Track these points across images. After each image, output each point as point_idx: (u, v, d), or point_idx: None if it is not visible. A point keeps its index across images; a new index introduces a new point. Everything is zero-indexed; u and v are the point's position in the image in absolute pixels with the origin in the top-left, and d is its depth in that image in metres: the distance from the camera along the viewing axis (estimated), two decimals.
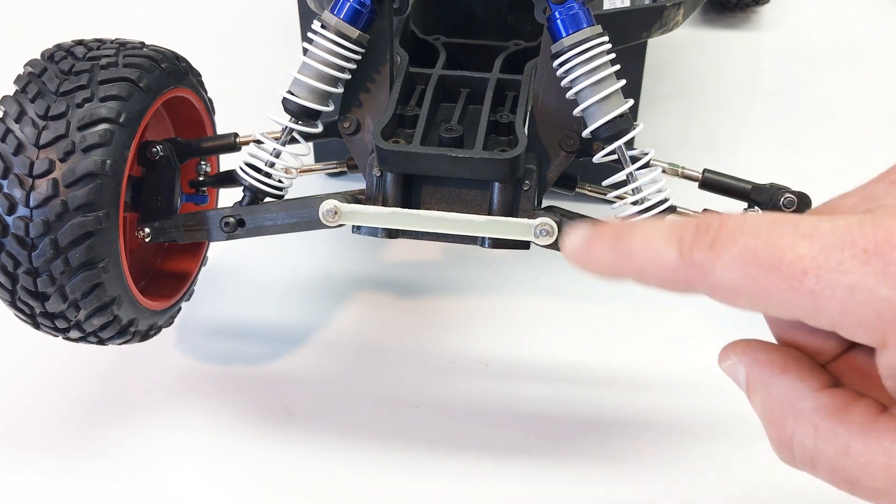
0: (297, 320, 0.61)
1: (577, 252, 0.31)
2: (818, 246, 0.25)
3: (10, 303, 0.46)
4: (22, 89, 0.45)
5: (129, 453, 0.52)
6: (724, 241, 0.26)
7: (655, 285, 0.28)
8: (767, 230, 0.26)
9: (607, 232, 0.30)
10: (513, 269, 0.66)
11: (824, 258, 0.25)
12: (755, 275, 0.26)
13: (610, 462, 0.51)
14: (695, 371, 0.57)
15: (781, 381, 0.29)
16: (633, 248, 0.28)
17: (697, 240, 0.27)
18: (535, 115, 0.47)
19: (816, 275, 0.25)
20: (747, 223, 0.26)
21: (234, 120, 0.59)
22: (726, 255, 0.26)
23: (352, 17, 0.46)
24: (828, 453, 0.27)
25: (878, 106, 0.88)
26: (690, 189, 0.51)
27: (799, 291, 0.25)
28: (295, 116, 0.48)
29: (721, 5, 1.03)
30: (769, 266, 0.25)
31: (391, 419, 0.54)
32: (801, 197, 0.48)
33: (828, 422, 0.27)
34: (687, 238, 0.27)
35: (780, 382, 0.29)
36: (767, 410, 0.29)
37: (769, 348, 0.30)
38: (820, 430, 0.27)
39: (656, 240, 0.28)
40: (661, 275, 0.28)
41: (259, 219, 0.47)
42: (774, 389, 0.29)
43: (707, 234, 0.27)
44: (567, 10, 0.44)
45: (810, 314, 0.26)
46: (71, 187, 0.43)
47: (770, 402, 0.29)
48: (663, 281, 0.28)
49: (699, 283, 0.27)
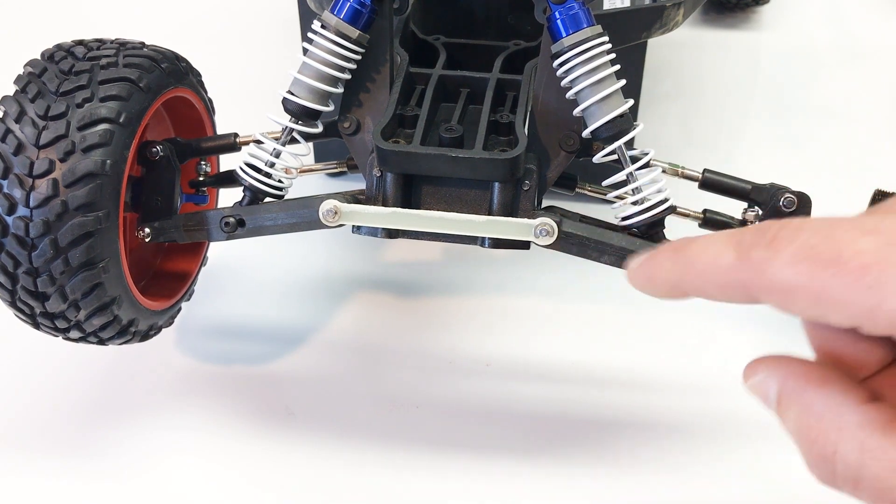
0: (297, 320, 0.61)
1: (640, 270, 0.30)
2: (881, 241, 0.24)
3: (10, 303, 0.46)
4: (22, 89, 0.45)
5: (129, 453, 0.52)
6: (784, 238, 0.26)
7: (716, 293, 0.28)
8: (829, 227, 0.25)
9: (668, 247, 0.29)
10: (513, 269, 0.66)
11: (887, 253, 0.24)
12: (814, 270, 0.25)
13: (610, 462, 0.51)
14: (695, 371, 0.57)
15: (822, 394, 0.27)
16: (692, 254, 0.28)
17: (756, 240, 0.26)
18: (535, 115, 0.47)
19: (879, 269, 0.24)
20: (809, 222, 0.26)
21: (234, 120, 0.59)
22: (785, 251, 0.25)
23: (352, 17, 0.46)
24: (875, 471, 0.25)
25: (878, 106, 0.88)
26: (690, 189, 0.51)
27: (859, 287, 0.24)
28: (295, 116, 0.48)
29: (721, 5, 1.03)
30: (829, 260, 0.25)
31: (391, 419, 0.54)
32: (801, 197, 0.48)
33: (875, 437, 0.25)
34: (746, 240, 0.27)
35: (821, 395, 0.27)
36: (805, 426, 0.27)
37: (803, 362, 0.28)
38: (867, 445, 0.25)
39: (715, 244, 0.28)
40: (721, 279, 0.27)
41: (259, 219, 0.47)
42: (814, 403, 0.27)
43: (766, 234, 0.26)
44: (567, 10, 0.44)
45: (869, 313, 0.25)
46: (71, 187, 0.43)
47: (808, 418, 0.27)
48: (723, 287, 0.27)
49: (758, 283, 0.26)
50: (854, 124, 0.85)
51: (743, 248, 0.27)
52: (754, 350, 0.30)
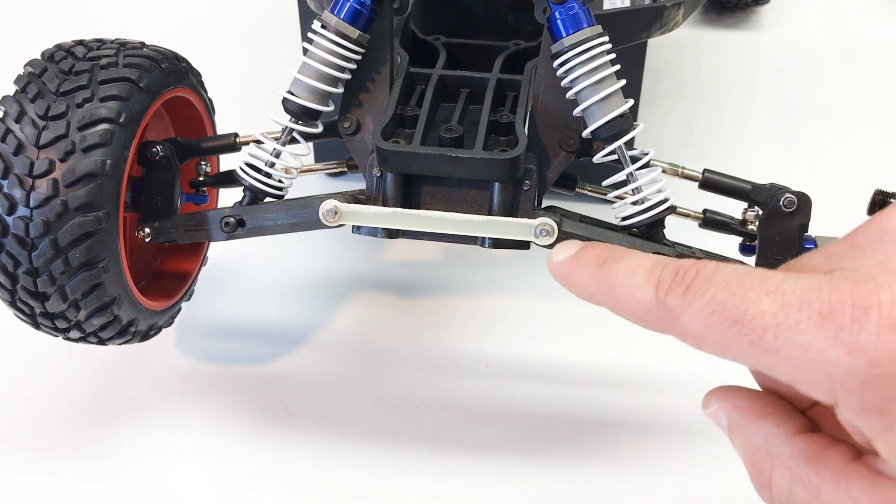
0: (297, 320, 0.61)
1: (561, 271, 0.33)
2: (779, 304, 0.26)
3: (10, 303, 0.46)
4: (22, 89, 0.45)
5: (129, 453, 0.52)
6: (696, 289, 0.28)
7: (630, 320, 0.30)
8: (736, 284, 0.27)
9: (593, 257, 0.31)
10: (513, 269, 0.66)
11: (783, 316, 0.26)
12: (720, 325, 0.27)
13: (610, 462, 0.51)
14: (695, 371, 0.57)
15: (759, 427, 0.30)
16: (614, 281, 0.30)
17: (674, 285, 0.28)
18: (535, 115, 0.47)
19: (775, 332, 0.26)
20: (718, 274, 0.28)
21: (234, 120, 0.59)
22: (696, 303, 0.28)
23: (352, 17, 0.46)
24: (801, 497, 0.28)
25: (878, 106, 0.88)
26: (690, 189, 0.51)
27: (759, 347, 0.26)
28: (295, 116, 0.48)
29: (721, 5, 1.03)
30: (733, 319, 0.27)
31: (391, 419, 0.54)
32: (801, 197, 0.48)
33: (802, 467, 0.28)
34: (665, 281, 0.29)
35: (759, 428, 0.30)
36: (747, 454, 0.30)
37: (748, 394, 0.31)
38: (794, 474, 0.28)
39: (636, 278, 0.30)
40: (637, 313, 0.30)
41: (259, 219, 0.47)
42: (753, 434, 0.30)
43: (683, 281, 0.28)
44: (567, 10, 0.44)
45: (769, 368, 0.27)
46: (71, 187, 0.43)
47: (749, 447, 0.30)
48: (638, 318, 0.30)
49: (670, 326, 0.29)
50: (854, 124, 0.85)
51: (661, 290, 0.29)
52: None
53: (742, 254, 0.51)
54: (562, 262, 0.33)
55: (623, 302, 0.30)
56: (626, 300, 0.30)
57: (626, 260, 0.30)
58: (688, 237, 0.49)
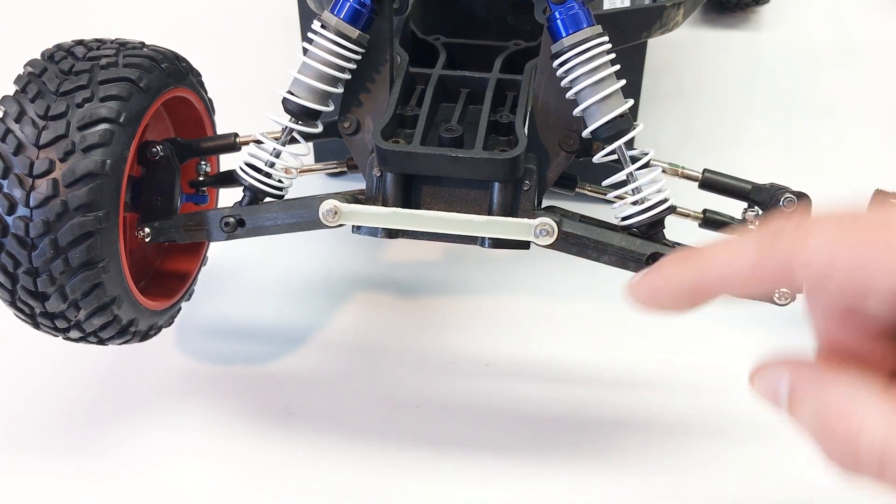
0: (297, 320, 0.61)
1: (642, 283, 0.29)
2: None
3: (10, 303, 0.46)
4: (22, 89, 0.45)
5: (129, 453, 0.52)
6: (814, 221, 0.25)
7: (740, 291, 0.27)
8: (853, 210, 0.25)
9: (672, 259, 0.29)
10: (513, 269, 0.66)
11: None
12: (859, 239, 0.24)
13: (610, 462, 0.51)
14: (695, 371, 0.57)
15: (838, 385, 0.26)
16: (707, 258, 0.27)
17: (777, 231, 0.26)
18: (535, 115, 0.47)
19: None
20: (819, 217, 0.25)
21: (234, 120, 0.59)
22: (821, 228, 0.25)
23: (352, 17, 0.46)
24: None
25: (878, 106, 0.88)
26: (690, 189, 0.51)
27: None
28: (295, 116, 0.48)
29: (721, 5, 1.03)
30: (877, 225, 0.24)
31: (391, 419, 0.54)
32: (801, 197, 0.48)
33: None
34: (764, 234, 0.26)
35: (838, 386, 0.26)
36: (823, 417, 0.26)
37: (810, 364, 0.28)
38: (893, 422, 0.25)
39: (731, 244, 0.27)
40: (747, 272, 0.26)
41: (259, 219, 0.47)
42: (832, 394, 0.26)
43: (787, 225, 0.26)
44: (567, 10, 0.44)
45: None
46: (71, 187, 0.43)
47: (826, 408, 0.26)
48: (747, 281, 0.27)
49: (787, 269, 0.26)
50: (854, 124, 0.85)
51: (764, 241, 0.26)
52: (752, 350, 0.30)
53: None
54: (641, 278, 0.29)
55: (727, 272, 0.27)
56: (730, 268, 0.27)
57: (713, 243, 0.28)
58: (688, 237, 0.49)
